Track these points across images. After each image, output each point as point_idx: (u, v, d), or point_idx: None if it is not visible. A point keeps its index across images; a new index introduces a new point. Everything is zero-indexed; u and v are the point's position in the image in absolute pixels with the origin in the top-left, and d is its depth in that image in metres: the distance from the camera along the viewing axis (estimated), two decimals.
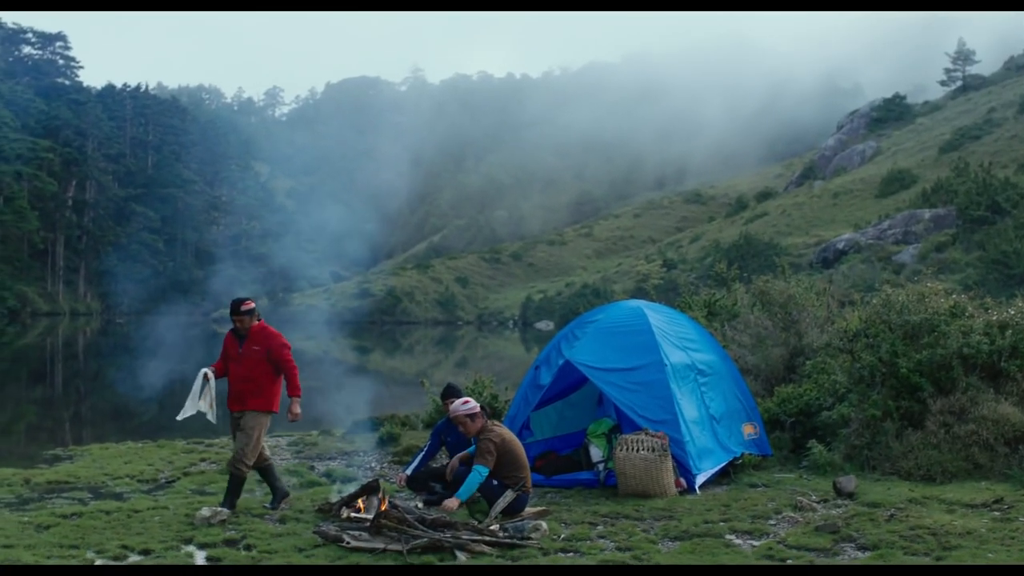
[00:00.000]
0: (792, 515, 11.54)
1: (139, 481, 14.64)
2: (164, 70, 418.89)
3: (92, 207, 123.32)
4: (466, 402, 12.13)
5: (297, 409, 12.00)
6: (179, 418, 11.94)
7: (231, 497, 11.92)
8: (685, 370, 14.06)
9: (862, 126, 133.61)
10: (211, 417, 12.15)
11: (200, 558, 9.95)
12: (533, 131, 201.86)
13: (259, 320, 12.24)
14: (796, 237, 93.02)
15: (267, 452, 12.51)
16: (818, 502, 12.21)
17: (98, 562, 9.73)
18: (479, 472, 11.40)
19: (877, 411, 14.39)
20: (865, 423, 14.52)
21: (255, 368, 11.98)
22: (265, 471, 12.39)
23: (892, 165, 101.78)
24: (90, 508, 12.26)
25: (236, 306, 12.21)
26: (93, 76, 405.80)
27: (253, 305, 12.17)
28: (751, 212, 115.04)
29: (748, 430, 14.87)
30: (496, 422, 12.19)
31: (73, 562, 9.65)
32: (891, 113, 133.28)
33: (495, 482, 11.55)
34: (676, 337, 14.48)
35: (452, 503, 11.34)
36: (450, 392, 13.91)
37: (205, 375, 12.06)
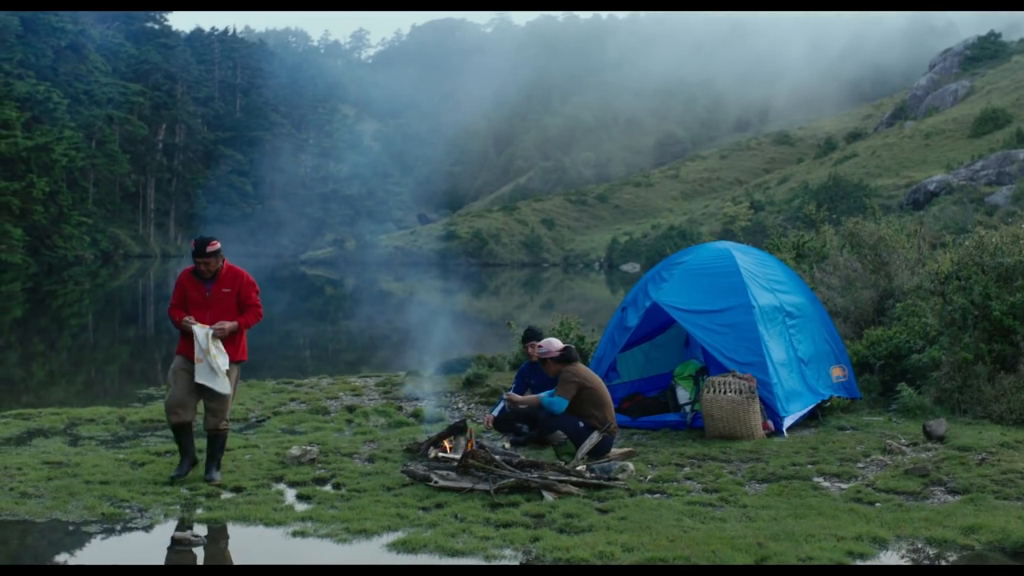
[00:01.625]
0: (881, 458, 11.45)
1: (230, 420, 14.82)
2: (251, 13, 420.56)
3: (182, 150, 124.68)
4: (552, 342, 12.47)
5: (228, 327, 10.57)
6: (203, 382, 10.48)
7: (217, 459, 10.76)
8: (773, 312, 13.96)
9: (955, 65, 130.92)
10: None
11: (290, 496, 10.08)
12: (616, 73, 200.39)
13: (224, 260, 10.81)
14: (886, 178, 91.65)
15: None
16: (907, 445, 12.10)
17: (191, 499, 9.89)
18: (558, 402, 11.62)
19: (969, 354, 14.21)
20: (956, 366, 14.35)
21: (227, 313, 10.66)
22: (187, 430, 10.76)
23: (986, 104, 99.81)
24: None
25: (202, 247, 10.59)
26: (182, 20, 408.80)
27: (219, 245, 10.66)
28: (840, 153, 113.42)
29: (837, 373, 14.76)
30: (578, 364, 12.28)
31: (167, 499, 9.82)
32: (985, 51, 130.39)
33: (581, 424, 11.60)
34: (764, 279, 14.38)
35: (533, 398, 11.83)
36: (531, 335, 13.97)
37: (208, 334, 10.46)
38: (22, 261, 74.14)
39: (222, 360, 10.51)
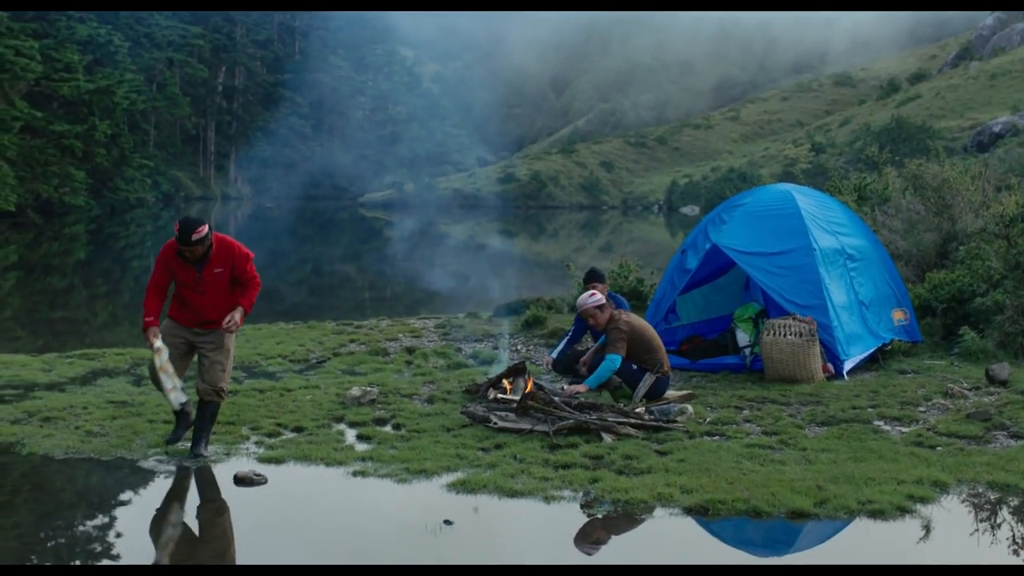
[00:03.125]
0: (943, 402, 11.38)
1: (290, 361, 14.96)
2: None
3: (241, 93, 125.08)
4: (592, 295, 12.23)
5: (239, 318, 9.55)
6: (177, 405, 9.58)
7: (207, 432, 9.62)
8: (834, 255, 13.85)
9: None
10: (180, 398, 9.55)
11: (351, 436, 10.16)
12: (672, 14, 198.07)
13: (212, 239, 9.50)
14: (950, 120, 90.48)
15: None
16: (969, 389, 12.01)
17: (253, 439, 10.00)
18: (611, 360, 11.45)
19: None
20: (1020, 310, 14.21)
21: (222, 294, 9.58)
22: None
23: None
24: (244, 386, 12.58)
25: (187, 234, 9.23)
26: None
27: (206, 230, 9.34)
28: (903, 94, 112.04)
29: (898, 316, 14.65)
30: (623, 311, 12.19)
31: (229, 438, 9.93)
32: None
33: (634, 367, 11.58)
34: (825, 221, 14.26)
35: (580, 388, 11.45)
36: (593, 276, 13.88)
37: (159, 359, 9.38)
38: (85, 203, 74.78)
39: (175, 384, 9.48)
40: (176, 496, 8.59)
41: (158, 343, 9.35)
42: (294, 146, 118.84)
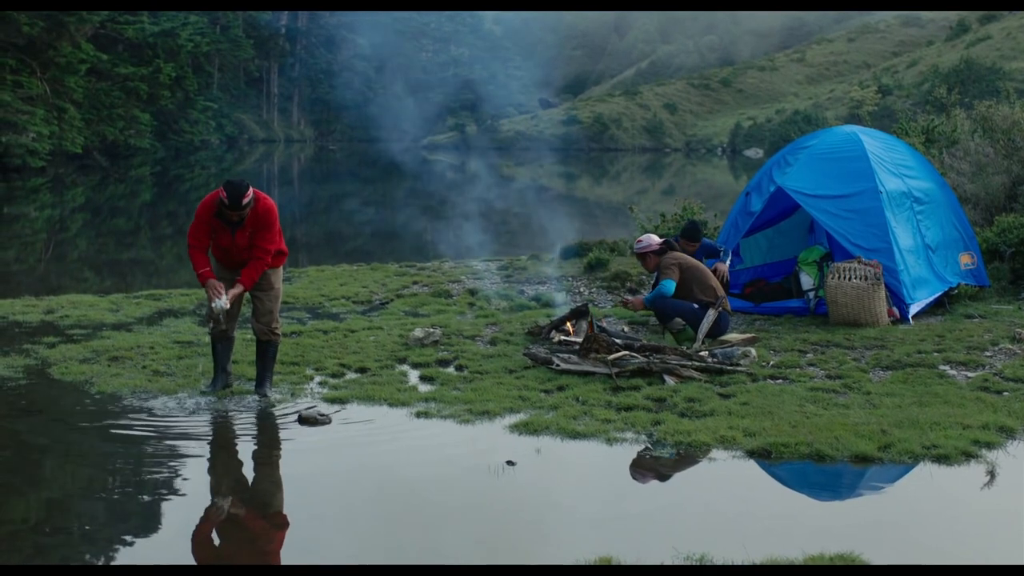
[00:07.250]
0: (1010, 347, 11.25)
1: (354, 302, 15.06)
2: None
3: (304, 35, 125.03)
4: (639, 241, 12.41)
5: (236, 291, 9.46)
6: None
7: (270, 371, 9.76)
8: (901, 198, 13.69)
9: None
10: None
11: (414, 377, 10.22)
12: None
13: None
14: (1022, 61, 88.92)
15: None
16: None
17: (317, 379, 10.08)
18: (666, 284, 11.58)
19: None
20: None
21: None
22: (227, 342, 9.86)
23: None
24: (308, 327, 12.69)
25: (236, 198, 9.12)
26: None
27: (252, 192, 9.19)
28: (973, 35, 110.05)
29: (965, 260, 14.48)
30: (674, 252, 12.20)
31: (294, 378, 10.03)
32: None
33: (695, 306, 11.57)
34: (892, 164, 14.09)
35: (637, 300, 11.69)
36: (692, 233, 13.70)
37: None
38: (150, 146, 75.36)
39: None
40: (240, 435, 8.68)
41: (222, 301, 9.34)
42: (356, 88, 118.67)
